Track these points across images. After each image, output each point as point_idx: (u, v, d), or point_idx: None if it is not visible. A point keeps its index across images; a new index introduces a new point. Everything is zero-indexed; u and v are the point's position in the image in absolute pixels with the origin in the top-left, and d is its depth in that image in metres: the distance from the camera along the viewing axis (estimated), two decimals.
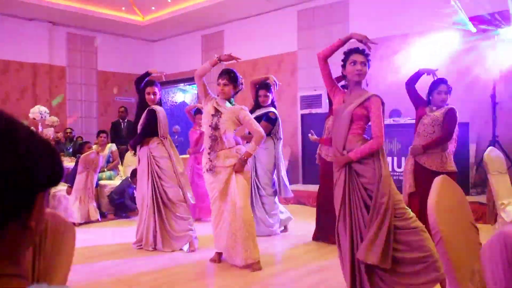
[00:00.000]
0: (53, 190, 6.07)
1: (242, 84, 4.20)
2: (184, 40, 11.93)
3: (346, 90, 3.33)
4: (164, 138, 4.77)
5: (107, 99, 11.83)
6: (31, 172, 0.68)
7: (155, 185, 4.66)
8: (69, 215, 5.89)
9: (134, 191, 5.84)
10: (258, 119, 5.08)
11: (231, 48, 10.76)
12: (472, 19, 6.72)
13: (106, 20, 10.60)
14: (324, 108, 8.40)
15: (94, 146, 7.21)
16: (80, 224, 5.97)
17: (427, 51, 7.42)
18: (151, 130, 4.73)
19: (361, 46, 3.34)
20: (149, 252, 4.60)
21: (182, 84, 12.82)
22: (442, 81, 4.08)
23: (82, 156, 6.24)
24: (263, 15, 10.06)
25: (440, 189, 1.76)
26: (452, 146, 4.01)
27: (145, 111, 4.78)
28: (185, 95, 13.92)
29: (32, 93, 10.54)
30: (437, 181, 1.77)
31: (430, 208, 1.67)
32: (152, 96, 4.78)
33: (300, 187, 8.37)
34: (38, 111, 7.64)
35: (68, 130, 9.31)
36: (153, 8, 10.32)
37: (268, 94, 5.35)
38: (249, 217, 3.90)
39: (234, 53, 4.21)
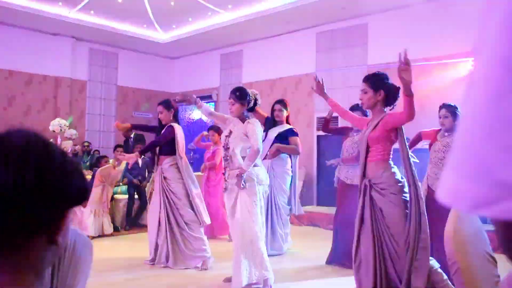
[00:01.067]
0: None
1: (252, 100, 4.18)
2: (203, 58, 12.09)
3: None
4: (180, 158, 4.78)
5: (125, 114, 12.00)
6: (64, 189, 0.72)
7: (167, 207, 4.68)
8: (83, 228, 5.92)
9: None
10: (282, 136, 5.17)
11: (250, 67, 10.89)
12: None
13: (128, 37, 10.82)
14: None
15: (110, 161, 7.29)
16: (93, 237, 6.01)
17: (449, 76, 7.38)
18: (167, 145, 4.77)
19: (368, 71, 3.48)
20: (161, 268, 4.60)
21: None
22: (443, 105, 4.28)
23: (98, 169, 6.31)
24: (282, 36, 10.16)
25: (457, 219, 1.74)
26: None
27: (165, 127, 4.87)
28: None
29: (53, 106, 10.76)
30: (455, 209, 1.75)
31: (447, 238, 1.65)
32: (158, 115, 4.96)
33: (314, 208, 8.32)
34: (58, 123, 7.79)
35: (86, 144, 9.44)
36: (174, 26, 10.51)
37: (282, 109, 5.35)
38: (249, 233, 3.79)
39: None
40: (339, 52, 9.21)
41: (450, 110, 4.16)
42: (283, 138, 5.21)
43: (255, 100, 4.24)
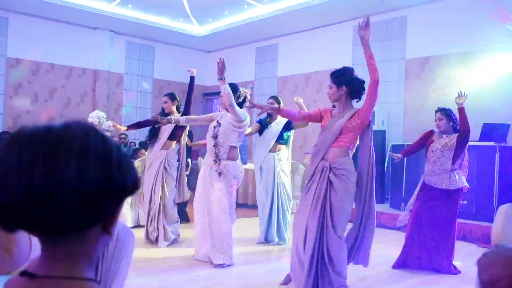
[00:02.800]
0: None
1: (242, 97, 4.65)
2: (239, 51, 12.10)
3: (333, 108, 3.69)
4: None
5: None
6: (121, 181, 0.74)
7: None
8: (120, 218, 6.06)
9: None
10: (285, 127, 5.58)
11: (285, 61, 10.83)
12: None
13: (164, 30, 10.95)
14: (376, 125, 8.19)
15: (146, 152, 7.40)
16: (130, 227, 6.14)
17: (488, 71, 7.15)
18: (178, 131, 5.37)
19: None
20: (194, 262, 4.65)
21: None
22: (438, 109, 4.58)
23: (135, 161, 6.42)
24: (318, 29, 10.05)
25: (505, 218, 1.67)
26: (464, 171, 4.49)
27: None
28: None
29: (92, 99, 11.03)
30: (503, 209, 1.68)
31: (494, 237, 1.59)
32: (163, 104, 5.62)
33: None
34: (96, 115, 7.92)
35: (123, 136, 9.63)
36: (210, 19, 10.56)
37: (275, 103, 5.52)
38: (220, 234, 4.31)
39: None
40: (376, 46, 9.02)
41: (445, 113, 4.48)
42: (286, 128, 5.59)
43: (244, 97, 4.66)
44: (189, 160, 7.34)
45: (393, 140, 8.08)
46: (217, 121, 4.53)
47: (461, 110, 4.31)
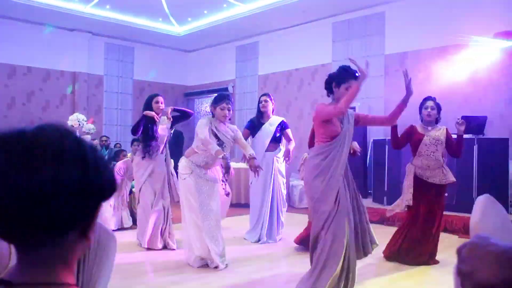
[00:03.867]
0: None
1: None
2: (219, 50, 12.08)
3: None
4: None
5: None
6: (98, 184, 0.72)
7: None
8: (102, 221, 5.99)
9: None
10: (271, 129, 5.50)
11: (265, 59, 10.84)
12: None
13: (143, 31, 10.86)
14: None
15: (128, 154, 7.35)
16: (113, 230, 6.08)
17: (466, 64, 7.27)
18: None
19: None
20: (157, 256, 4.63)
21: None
22: (429, 98, 4.50)
23: (117, 163, 6.36)
24: (298, 26, 10.08)
25: (483, 209, 1.70)
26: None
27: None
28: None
29: (71, 101, 10.88)
30: (480, 200, 1.72)
31: (472, 229, 1.62)
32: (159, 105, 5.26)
33: None
34: (76, 118, 7.87)
35: (104, 138, 9.53)
36: (189, 19, 10.51)
37: (268, 100, 5.56)
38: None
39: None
40: (356, 42, 9.11)
41: (436, 103, 4.44)
42: (280, 128, 5.57)
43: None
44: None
45: (374, 135, 8.16)
46: (221, 140, 4.40)
47: (461, 136, 4.39)
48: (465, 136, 6.10)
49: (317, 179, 3.27)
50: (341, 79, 3.36)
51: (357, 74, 3.29)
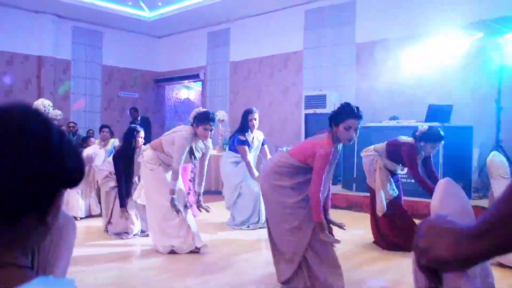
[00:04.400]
0: None
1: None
2: (190, 37, 11.93)
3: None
4: None
5: (111, 94, 11.85)
6: (58, 170, 0.70)
7: None
8: (70, 208, 5.88)
9: None
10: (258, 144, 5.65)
11: (237, 46, 10.77)
12: (479, 22, 6.68)
13: (112, 15, 10.61)
14: (328, 109, 8.34)
15: (96, 141, 7.21)
16: (81, 218, 5.98)
17: (433, 53, 7.40)
18: None
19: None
20: (151, 248, 4.60)
21: (187, 81, 12.83)
22: (442, 138, 4.31)
23: (84, 150, 6.24)
24: (269, 13, 10.04)
25: (443, 192, 1.74)
26: None
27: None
28: (189, 91, 13.93)
29: (37, 86, 10.57)
30: (441, 184, 1.75)
31: (433, 210, 1.65)
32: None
33: None
34: (41, 104, 7.63)
35: (72, 124, 9.31)
36: (159, 3, 10.32)
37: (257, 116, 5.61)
38: None
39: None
40: (327, 31, 9.14)
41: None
42: (262, 143, 5.72)
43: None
44: None
45: None
46: (193, 152, 4.42)
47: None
48: (432, 124, 6.26)
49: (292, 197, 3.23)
50: (339, 119, 3.12)
51: (357, 112, 3.10)
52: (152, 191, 4.37)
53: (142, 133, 5.11)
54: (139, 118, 10.01)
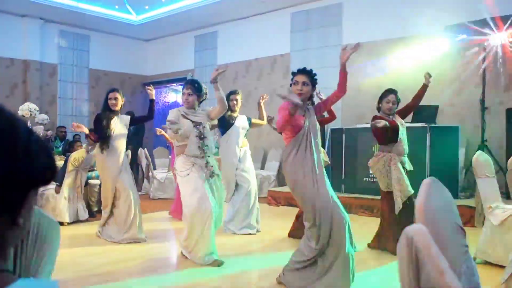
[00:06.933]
0: (41, 188, 5.99)
1: (206, 94, 4.44)
2: (177, 40, 11.91)
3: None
4: None
5: (98, 97, 11.75)
6: (26, 170, 0.68)
7: None
8: (57, 214, 5.82)
9: None
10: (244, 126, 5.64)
11: (224, 49, 10.77)
12: (462, 25, 6.76)
13: (99, 18, 10.55)
14: None
15: (83, 145, 7.15)
16: (69, 223, 5.92)
17: (419, 55, 7.48)
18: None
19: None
20: (139, 253, 4.57)
21: (175, 84, 12.79)
22: (392, 91, 4.53)
23: (71, 154, 6.18)
24: (256, 16, 10.06)
25: (427, 191, 1.76)
26: None
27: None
28: (177, 95, 13.87)
29: (23, 90, 10.46)
30: (426, 182, 1.78)
31: (418, 210, 1.67)
32: (112, 101, 5.03)
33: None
34: (27, 108, 7.57)
35: (62, 129, 9.23)
36: (146, 7, 10.29)
37: (238, 99, 5.64)
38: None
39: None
40: (314, 32, 9.19)
41: (397, 96, 4.52)
42: (249, 122, 5.73)
43: (206, 94, 4.46)
44: None
45: (332, 125, 8.28)
46: (194, 121, 4.19)
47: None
48: (418, 124, 6.33)
49: (297, 174, 3.34)
50: (292, 80, 3.52)
51: (301, 69, 3.52)
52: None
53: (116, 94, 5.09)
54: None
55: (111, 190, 4.98)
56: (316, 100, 3.96)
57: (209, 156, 4.18)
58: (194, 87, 4.25)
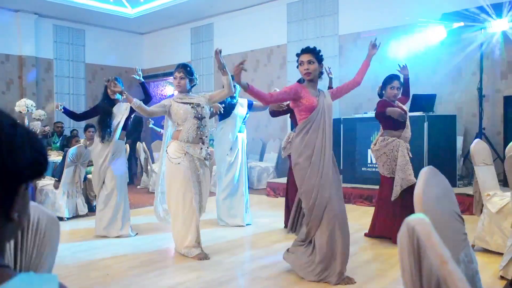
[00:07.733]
0: (40, 184, 6.00)
1: (197, 79, 4.43)
2: (173, 32, 11.85)
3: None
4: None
5: (95, 92, 11.72)
6: (11, 163, 0.66)
7: None
8: (56, 209, 5.83)
9: None
10: (242, 111, 5.58)
11: (221, 40, 10.73)
12: (460, 12, 6.74)
13: (94, 12, 10.47)
14: None
15: (81, 140, 7.15)
16: (68, 218, 5.93)
17: (416, 44, 7.46)
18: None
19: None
20: (139, 246, 4.58)
21: (172, 78, 12.74)
22: (396, 77, 4.54)
23: (69, 149, 6.18)
24: (252, 7, 10.01)
25: (426, 179, 1.77)
26: None
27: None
28: (174, 88, 13.86)
29: (19, 86, 10.41)
30: (424, 171, 1.78)
31: (417, 200, 1.68)
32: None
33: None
34: (24, 104, 7.54)
35: (59, 124, 9.20)
36: (141, 0, 10.22)
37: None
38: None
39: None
40: (310, 23, 9.15)
41: (400, 82, 4.56)
42: (249, 108, 5.66)
43: (196, 79, 4.45)
44: None
45: None
46: (191, 102, 4.17)
47: (408, 78, 4.72)
48: (416, 113, 6.33)
49: (302, 155, 3.38)
50: (297, 61, 3.57)
51: (304, 48, 3.54)
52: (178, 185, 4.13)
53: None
54: (132, 116, 9.86)
55: (99, 178, 4.95)
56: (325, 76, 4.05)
57: (204, 139, 4.11)
58: (186, 71, 4.25)
